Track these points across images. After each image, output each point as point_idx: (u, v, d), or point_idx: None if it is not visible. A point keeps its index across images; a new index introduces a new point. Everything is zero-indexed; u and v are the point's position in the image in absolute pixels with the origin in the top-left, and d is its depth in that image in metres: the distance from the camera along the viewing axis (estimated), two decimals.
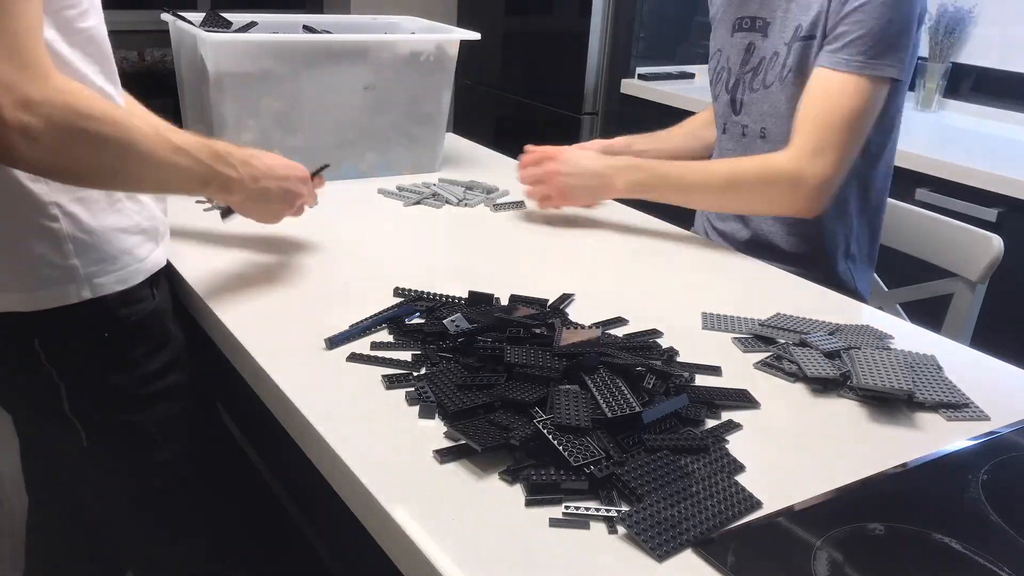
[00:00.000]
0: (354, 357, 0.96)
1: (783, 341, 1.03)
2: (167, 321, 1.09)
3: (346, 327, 1.01)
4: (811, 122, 1.30)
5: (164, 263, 1.08)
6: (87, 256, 0.96)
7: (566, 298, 1.12)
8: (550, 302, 1.10)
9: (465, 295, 1.11)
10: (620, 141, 1.63)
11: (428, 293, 1.11)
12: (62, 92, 0.81)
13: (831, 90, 1.30)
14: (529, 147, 1.51)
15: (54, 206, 0.94)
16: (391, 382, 0.91)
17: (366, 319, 1.03)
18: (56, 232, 0.94)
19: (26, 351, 0.98)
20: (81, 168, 0.86)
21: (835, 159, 1.29)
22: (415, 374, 0.93)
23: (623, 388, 0.84)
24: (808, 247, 1.47)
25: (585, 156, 1.46)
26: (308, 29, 1.69)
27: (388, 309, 1.06)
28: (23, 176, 0.91)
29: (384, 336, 1.01)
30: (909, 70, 1.33)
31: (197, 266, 1.18)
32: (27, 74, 0.78)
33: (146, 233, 1.03)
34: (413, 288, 1.13)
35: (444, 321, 0.99)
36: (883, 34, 1.28)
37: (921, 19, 1.33)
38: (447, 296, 1.10)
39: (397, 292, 1.12)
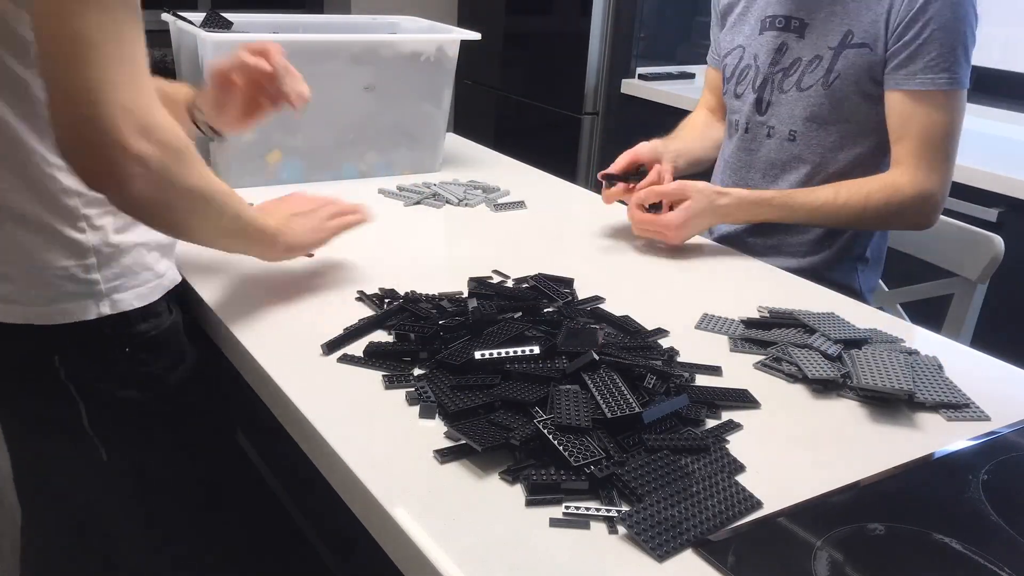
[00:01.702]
0: (354, 359, 0.96)
1: (783, 342, 1.03)
2: (182, 337, 1.08)
3: (346, 327, 1.01)
4: (918, 144, 1.35)
5: (180, 279, 1.07)
6: (109, 270, 0.95)
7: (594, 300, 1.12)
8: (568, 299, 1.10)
9: (465, 295, 1.11)
10: (656, 144, 1.57)
11: (429, 294, 1.11)
12: (170, 119, 0.80)
13: (927, 111, 1.33)
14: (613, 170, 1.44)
15: (83, 219, 0.92)
16: (391, 382, 0.91)
17: (366, 319, 1.03)
18: (82, 244, 0.93)
19: (45, 366, 0.96)
20: (176, 203, 0.85)
21: (947, 173, 1.37)
22: (415, 374, 0.93)
23: (623, 388, 0.84)
24: (819, 250, 1.48)
25: (707, 204, 1.34)
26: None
27: (388, 309, 1.06)
28: (57, 189, 0.90)
29: (384, 336, 1.01)
30: None
31: (198, 268, 1.18)
32: (146, 99, 0.77)
33: (163, 249, 1.03)
34: (413, 288, 1.13)
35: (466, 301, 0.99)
36: (963, 49, 1.32)
37: (978, 22, 1.36)
38: (447, 296, 1.10)
39: (396, 293, 1.12)
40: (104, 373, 0.99)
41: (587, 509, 0.73)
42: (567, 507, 0.73)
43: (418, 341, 0.97)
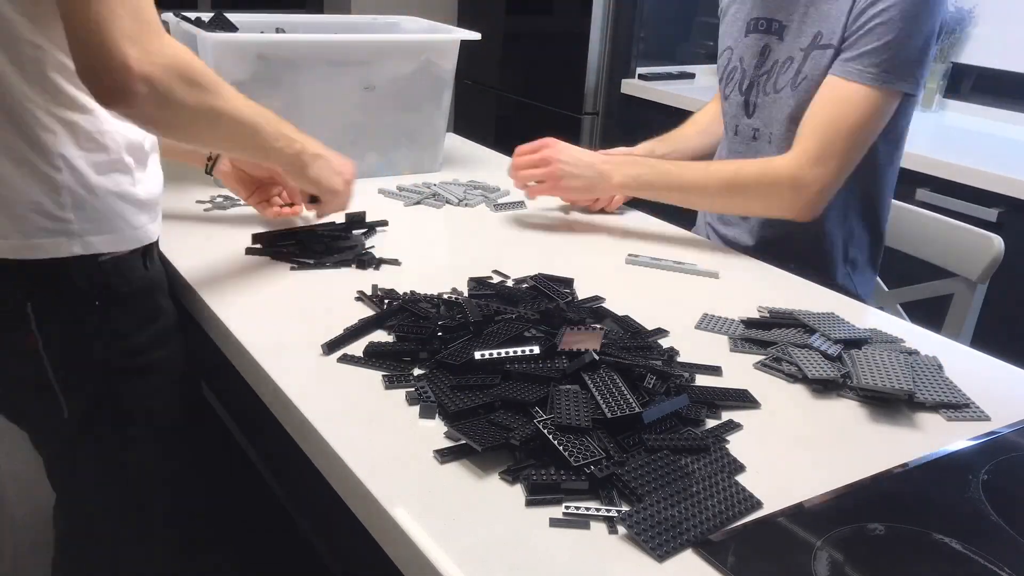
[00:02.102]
0: (354, 359, 0.96)
1: (783, 342, 1.03)
2: (158, 295, 1.10)
3: (346, 327, 1.01)
4: (816, 128, 1.31)
5: (156, 238, 1.09)
6: (82, 212, 0.98)
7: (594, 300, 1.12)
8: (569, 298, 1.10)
9: (465, 295, 1.11)
10: (641, 148, 1.61)
11: (428, 294, 1.11)
12: (175, 47, 0.91)
13: (840, 99, 1.30)
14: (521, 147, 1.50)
15: (59, 157, 0.96)
16: (391, 382, 0.91)
17: (365, 319, 1.03)
18: (56, 182, 0.97)
19: (18, 314, 0.99)
20: (189, 119, 0.96)
21: (836, 167, 1.31)
22: (415, 374, 0.93)
23: (623, 388, 0.84)
24: (810, 254, 1.47)
25: (582, 149, 1.44)
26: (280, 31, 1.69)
27: (388, 309, 1.06)
28: (35, 124, 0.94)
29: (384, 336, 1.01)
30: (923, 84, 1.33)
31: (198, 266, 1.18)
32: (148, 29, 0.88)
33: (141, 205, 1.05)
34: (413, 289, 1.13)
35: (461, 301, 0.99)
36: (902, 48, 1.27)
37: (939, 34, 1.33)
38: (446, 296, 1.10)
39: (396, 293, 1.12)
40: (73, 325, 1.02)
41: (587, 509, 0.73)
42: (567, 507, 0.73)
43: (417, 341, 0.97)
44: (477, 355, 0.90)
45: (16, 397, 1.09)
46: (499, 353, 0.90)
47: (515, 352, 0.90)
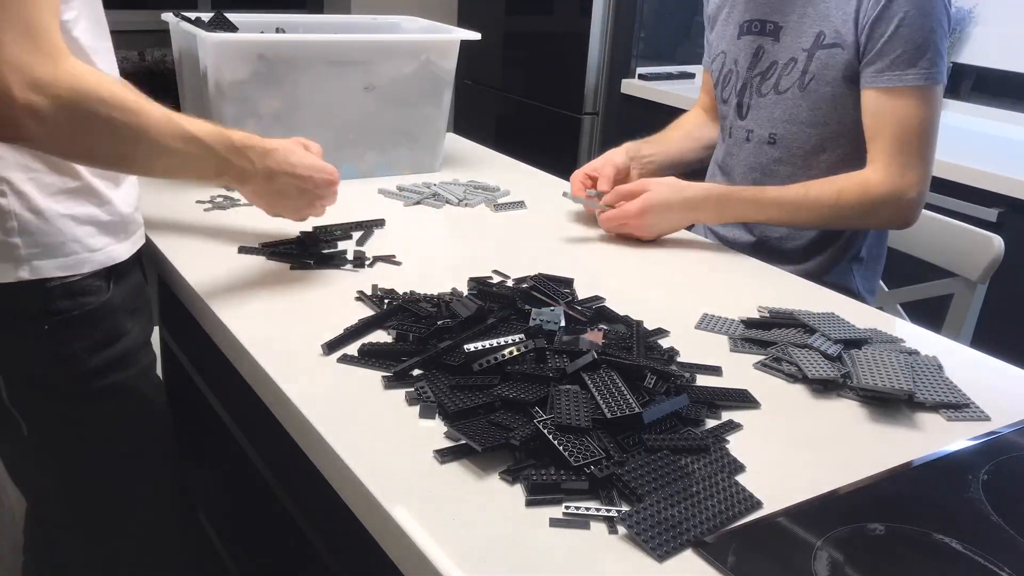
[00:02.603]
0: (354, 359, 0.96)
1: (783, 342, 1.03)
2: (121, 317, 1.06)
3: (346, 327, 1.01)
4: (890, 141, 1.33)
5: (124, 258, 1.06)
6: (30, 237, 0.96)
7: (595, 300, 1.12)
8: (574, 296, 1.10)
9: (464, 295, 1.11)
10: (627, 147, 1.60)
11: (428, 294, 1.11)
12: (73, 75, 0.84)
13: (899, 108, 1.32)
14: (602, 188, 1.46)
15: (4, 182, 0.94)
16: (391, 382, 0.91)
17: (365, 319, 1.03)
18: (1, 208, 0.94)
19: None
20: (89, 150, 0.90)
21: (924, 170, 1.34)
22: (415, 374, 0.93)
23: (623, 388, 0.84)
24: (816, 252, 1.48)
25: (669, 193, 1.36)
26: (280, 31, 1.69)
27: (387, 309, 1.06)
28: None
29: (383, 337, 1.01)
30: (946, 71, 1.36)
31: (198, 267, 1.18)
32: (39, 56, 0.82)
33: (103, 226, 1.02)
34: (412, 289, 1.13)
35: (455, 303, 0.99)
36: (929, 43, 1.30)
37: (951, 19, 1.35)
38: (446, 295, 1.10)
39: (395, 293, 1.12)
40: (23, 349, 0.99)
41: (587, 509, 0.73)
42: (567, 507, 0.73)
43: (415, 341, 0.97)
44: (469, 347, 0.89)
45: None
46: (488, 344, 0.90)
47: (503, 342, 0.90)
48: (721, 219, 1.41)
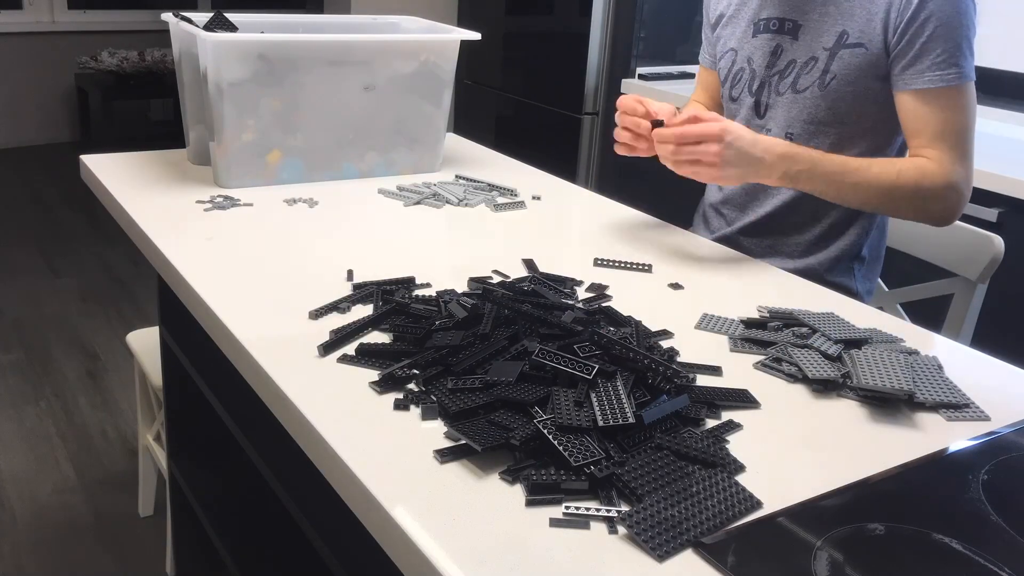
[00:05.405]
0: (353, 359, 0.96)
1: (783, 342, 1.03)
2: None
3: (345, 326, 1.01)
4: (939, 136, 1.32)
5: None
6: None
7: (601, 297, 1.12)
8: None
9: (463, 294, 1.11)
10: None
11: (427, 294, 1.11)
12: None
13: (943, 107, 1.32)
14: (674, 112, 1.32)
15: None
16: (385, 382, 0.91)
17: (364, 319, 1.03)
18: None
19: None
20: None
21: (970, 166, 1.35)
22: (414, 374, 0.93)
23: (621, 395, 0.84)
24: (818, 250, 1.48)
25: (747, 130, 1.28)
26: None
27: (386, 309, 1.06)
28: None
29: (383, 337, 1.01)
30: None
31: (198, 266, 1.18)
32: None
33: None
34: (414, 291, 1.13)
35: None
36: (962, 42, 1.31)
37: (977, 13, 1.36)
38: (446, 295, 1.10)
39: (393, 293, 1.12)
40: None
41: (587, 509, 0.73)
42: (567, 507, 0.73)
43: (413, 341, 0.97)
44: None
45: None
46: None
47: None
48: (786, 176, 1.31)
